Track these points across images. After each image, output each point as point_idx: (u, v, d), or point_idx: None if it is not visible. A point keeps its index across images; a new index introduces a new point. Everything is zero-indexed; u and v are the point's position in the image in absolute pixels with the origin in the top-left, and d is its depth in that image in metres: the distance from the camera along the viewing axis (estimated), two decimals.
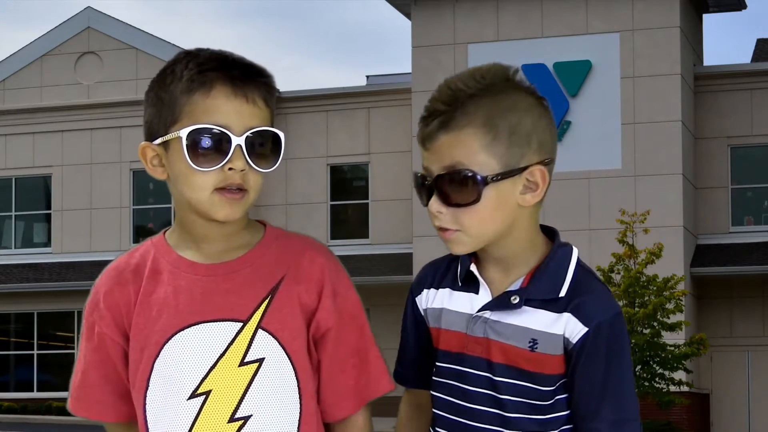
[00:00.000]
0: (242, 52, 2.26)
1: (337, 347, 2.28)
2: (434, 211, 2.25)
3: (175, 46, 32.99)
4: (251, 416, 2.21)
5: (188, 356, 2.22)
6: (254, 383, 2.21)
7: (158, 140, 2.23)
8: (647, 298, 22.34)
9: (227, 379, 2.21)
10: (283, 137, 2.25)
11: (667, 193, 28.23)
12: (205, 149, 2.18)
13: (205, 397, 2.20)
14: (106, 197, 33.72)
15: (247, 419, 2.21)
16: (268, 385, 2.22)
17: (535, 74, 28.91)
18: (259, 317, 2.23)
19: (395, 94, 31.64)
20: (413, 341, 2.44)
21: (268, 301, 2.24)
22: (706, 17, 33.01)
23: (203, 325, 2.23)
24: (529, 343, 2.27)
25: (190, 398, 2.21)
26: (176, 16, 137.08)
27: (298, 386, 2.25)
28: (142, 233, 32.77)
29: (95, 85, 34.21)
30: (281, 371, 2.23)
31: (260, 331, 2.23)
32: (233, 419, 2.20)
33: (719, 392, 29.78)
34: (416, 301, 2.43)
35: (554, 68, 29.09)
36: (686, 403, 26.01)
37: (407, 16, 31.16)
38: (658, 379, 22.35)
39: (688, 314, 25.69)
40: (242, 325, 2.22)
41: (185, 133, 2.19)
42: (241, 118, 2.19)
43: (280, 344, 2.23)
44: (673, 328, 21.99)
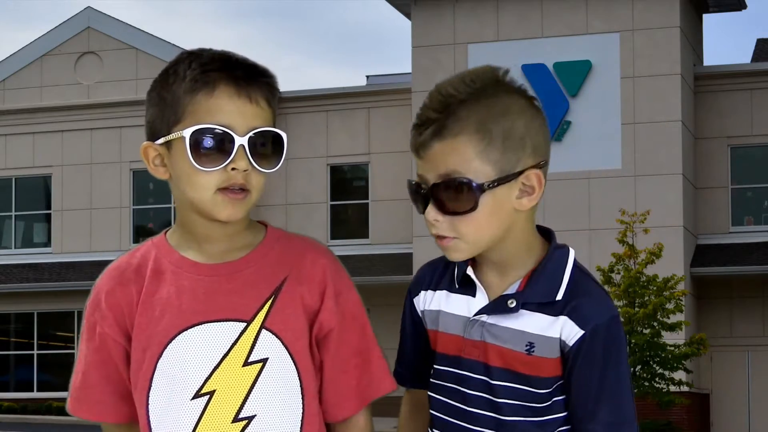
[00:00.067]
0: (242, 52, 2.26)
1: (339, 347, 2.28)
2: (431, 219, 2.25)
3: (175, 46, 33.00)
4: (255, 416, 2.21)
5: (192, 356, 2.21)
6: (258, 383, 2.21)
7: (161, 140, 2.23)
8: (647, 298, 22.33)
9: (231, 379, 2.20)
10: (285, 138, 2.25)
11: (667, 193, 28.22)
12: (208, 149, 2.18)
13: (209, 397, 2.20)
14: (106, 197, 33.71)
15: (251, 419, 2.20)
16: (271, 385, 2.22)
17: (535, 74, 28.91)
18: (262, 317, 2.23)
19: (395, 94, 31.63)
20: (412, 342, 2.44)
21: (271, 301, 2.24)
22: (706, 17, 33.01)
23: (207, 325, 2.22)
24: (525, 346, 2.27)
25: (193, 398, 2.20)
26: (176, 16, 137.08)
27: (300, 386, 2.24)
28: (142, 233, 32.76)
29: (95, 85, 34.20)
30: (284, 371, 2.23)
31: (264, 331, 2.22)
32: (237, 419, 2.20)
33: (719, 392, 29.77)
34: (414, 302, 2.43)
35: (554, 68, 29.07)
36: (686, 403, 26.00)
37: (407, 16, 31.15)
38: (658, 379, 22.33)
39: (688, 314, 25.68)
40: (246, 325, 2.22)
41: (188, 132, 2.18)
42: (244, 118, 2.19)
43: (283, 344, 2.23)
44: (673, 328, 21.98)
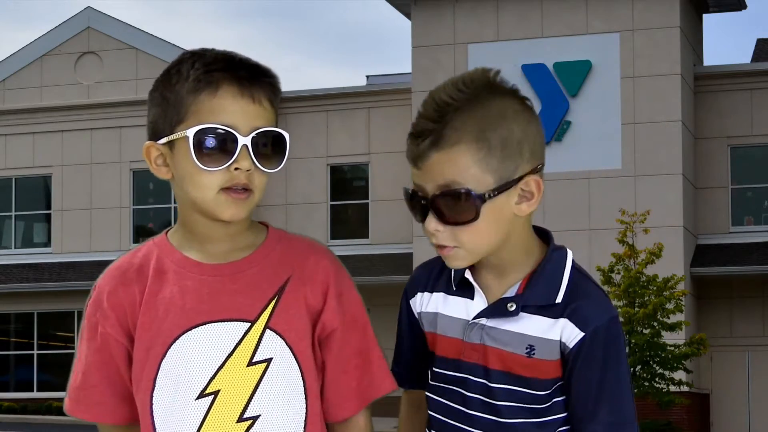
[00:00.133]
0: (242, 52, 2.25)
1: (341, 348, 2.28)
2: (431, 230, 2.24)
3: (175, 46, 33.01)
4: (260, 416, 2.20)
5: (196, 356, 2.21)
6: (262, 383, 2.21)
7: (163, 140, 2.22)
8: (647, 298, 22.33)
9: (236, 378, 2.20)
10: (288, 138, 2.25)
11: (667, 193, 28.22)
12: (211, 149, 2.17)
13: (213, 396, 2.19)
14: (106, 197, 33.70)
15: (255, 419, 2.20)
16: (276, 385, 2.22)
17: (535, 74, 28.92)
18: (267, 317, 2.23)
19: (395, 94, 31.63)
20: (409, 343, 2.44)
21: (275, 301, 2.24)
22: (706, 17, 33.01)
23: (211, 324, 2.22)
24: (526, 349, 2.27)
25: (198, 398, 2.20)
26: (176, 16, 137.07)
27: (304, 386, 2.25)
28: (142, 233, 32.76)
29: (95, 85, 34.19)
30: (288, 371, 2.23)
31: (268, 331, 2.22)
32: (242, 419, 2.20)
33: (719, 392, 29.77)
34: (410, 303, 2.42)
35: (554, 68, 29.07)
36: (686, 403, 26.00)
37: (407, 16, 31.15)
38: (658, 379, 22.34)
39: (688, 314, 25.68)
40: (250, 325, 2.22)
41: (192, 132, 2.18)
42: (247, 118, 2.19)
43: (287, 344, 2.23)
44: (673, 328, 21.98)
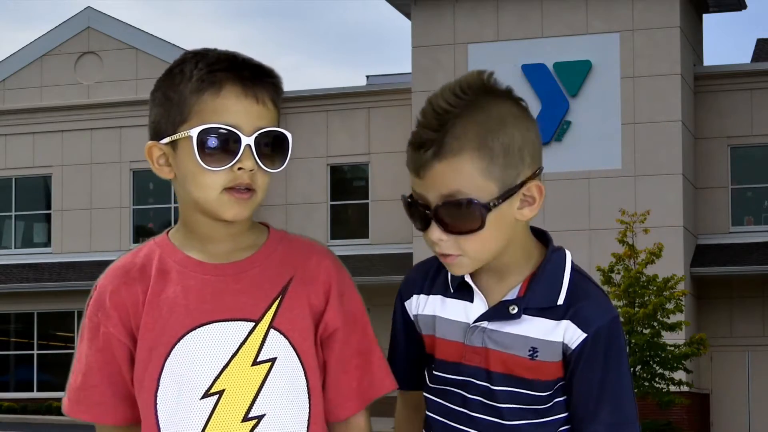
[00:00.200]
0: (242, 52, 2.25)
1: (342, 348, 2.29)
2: (435, 239, 2.22)
3: (175, 46, 33.01)
4: (264, 415, 2.21)
5: (201, 355, 2.21)
6: (267, 383, 2.21)
7: (166, 139, 2.22)
8: (647, 298, 22.33)
9: (240, 378, 2.20)
10: (290, 138, 2.25)
11: (667, 193, 28.23)
12: (215, 149, 2.18)
13: (218, 396, 2.19)
14: (106, 197, 33.70)
15: (260, 418, 2.20)
16: (280, 384, 2.22)
17: (535, 74, 28.93)
18: (270, 317, 2.23)
19: (395, 94, 31.63)
20: (404, 345, 2.43)
21: (279, 301, 2.24)
22: (706, 17, 33.02)
23: (215, 324, 2.22)
24: (529, 351, 2.27)
25: (203, 397, 2.20)
26: (176, 16, 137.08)
27: (307, 386, 2.25)
28: (142, 233, 32.75)
29: (95, 85, 34.19)
30: (292, 371, 2.24)
31: (272, 331, 2.23)
32: (247, 418, 2.20)
33: (719, 392, 29.78)
34: (405, 306, 2.41)
35: (554, 68, 29.08)
36: (686, 403, 26.01)
37: (407, 16, 31.15)
38: (658, 379, 22.34)
39: (688, 314, 25.69)
40: (254, 324, 2.22)
41: (196, 132, 2.18)
42: (250, 118, 2.19)
43: (291, 344, 2.24)
44: (673, 328, 21.99)
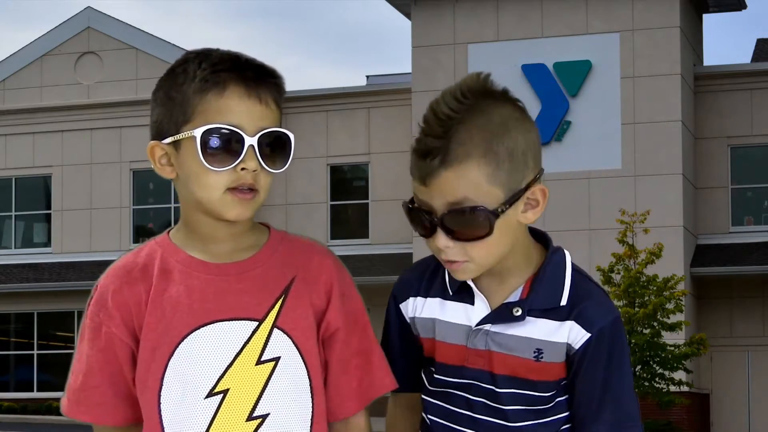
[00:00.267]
0: (243, 52, 2.25)
1: (342, 348, 2.29)
2: (442, 246, 2.20)
3: (175, 46, 33.00)
4: (269, 414, 2.21)
5: (205, 355, 2.21)
6: (271, 382, 2.21)
7: (168, 139, 2.22)
8: (647, 298, 22.33)
9: (245, 377, 2.20)
10: (293, 139, 2.25)
11: (667, 193, 28.22)
12: (218, 149, 2.18)
13: (222, 395, 2.20)
14: (106, 197, 33.68)
15: (264, 417, 2.21)
16: (284, 383, 2.22)
17: (535, 74, 28.92)
18: (274, 316, 2.23)
19: (395, 94, 31.63)
20: (399, 348, 2.41)
21: (282, 301, 2.24)
22: (706, 17, 33.02)
23: (219, 323, 2.22)
24: (534, 353, 2.26)
25: (207, 397, 2.20)
26: (176, 16, 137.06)
27: (310, 385, 2.25)
28: (142, 233, 32.74)
29: (95, 85, 34.18)
30: (295, 370, 2.24)
31: (276, 330, 2.23)
32: (251, 418, 2.20)
33: (719, 392, 29.78)
34: (400, 308, 2.40)
35: (554, 68, 29.07)
36: (686, 403, 26.01)
37: (407, 16, 31.15)
38: (658, 379, 22.34)
39: (688, 314, 25.68)
40: (258, 324, 2.22)
41: (199, 132, 2.18)
42: (253, 118, 2.19)
43: (294, 344, 2.24)
44: (673, 328, 21.98)
